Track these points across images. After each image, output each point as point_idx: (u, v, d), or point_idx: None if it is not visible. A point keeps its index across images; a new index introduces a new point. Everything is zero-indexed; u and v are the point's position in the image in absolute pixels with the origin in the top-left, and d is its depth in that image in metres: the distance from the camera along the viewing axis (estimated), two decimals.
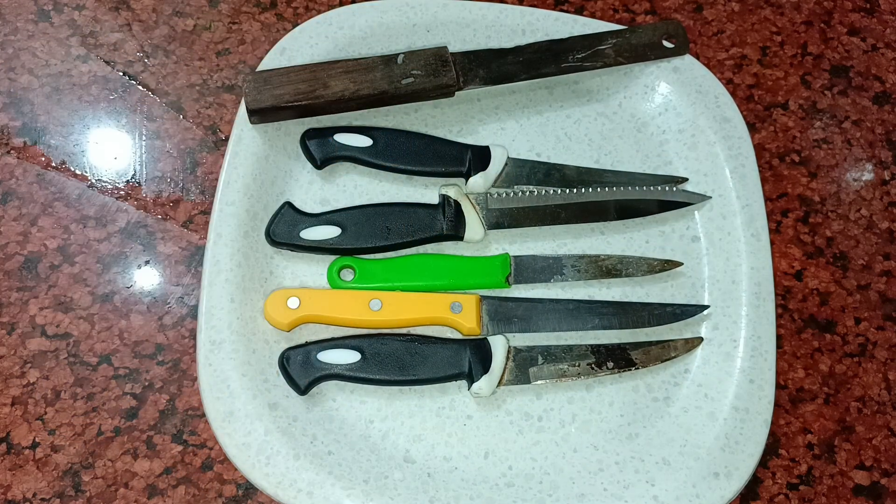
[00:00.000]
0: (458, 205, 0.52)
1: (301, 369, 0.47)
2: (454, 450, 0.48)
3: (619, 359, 0.50)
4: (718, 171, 0.55)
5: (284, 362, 0.48)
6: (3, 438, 0.48)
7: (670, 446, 0.48)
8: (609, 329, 0.51)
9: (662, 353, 0.50)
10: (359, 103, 0.54)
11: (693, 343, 0.51)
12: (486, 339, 0.49)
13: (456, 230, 0.52)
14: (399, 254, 0.52)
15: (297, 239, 0.51)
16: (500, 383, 0.48)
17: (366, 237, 0.51)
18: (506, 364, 0.48)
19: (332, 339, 0.49)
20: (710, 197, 0.55)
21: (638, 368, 0.50)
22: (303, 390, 0.47)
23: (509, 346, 0.49)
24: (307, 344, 0.48)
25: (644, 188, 0.54)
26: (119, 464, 0.47)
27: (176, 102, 0.58)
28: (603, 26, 0.59)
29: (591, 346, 0.50)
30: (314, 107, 0.53)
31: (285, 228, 0.51)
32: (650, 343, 0.50)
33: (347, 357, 0.48)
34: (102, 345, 0.50)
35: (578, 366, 0.49)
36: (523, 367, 0.49)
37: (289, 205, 0.52)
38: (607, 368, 0.49)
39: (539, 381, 0.49)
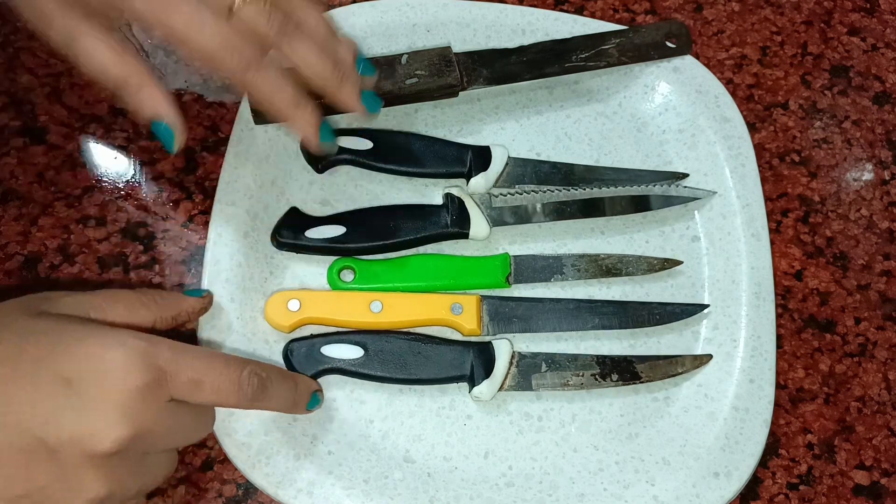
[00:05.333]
0: (461, 202, 0.52)
1: (305, 361, 0.47)
2: (454, 450, 0.48)
3: (624, 371, 0.49)
4: (718, 170, 0.55)
5: (289, 354, 0.48)
6: None
7: (670, 446, 0.48)
8: (609, 328, 0.51)
9: (669, 368, 0.49)
10: None
11: (702, 360, 0.50)
12: (490, 342, 0.49)
13: (461, 227, 0.52)
14: (400, 254, 0.52)
15: (303, 239, 0.51)
16: (501, 388, 0.48)
17: (372, 236, 0.51)
18: (508, 369, 0.48)
19: (337, 332, 0.49)
20: (716, 192, 0.55)
21: (643, 382, 0.49)
22: None
23: (513, 352, 0.49)
24: (312, 337, 0.48)
25: (649, 185, 0.54)
26: None
27: (176, 102, 0.58)
28: (603, 26, 0.59)
29: (596, 356, 0.49)
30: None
31: (291, 232, 0.51)
32: (657, 357, 0.50)
33: (351, 352, 0.48)
34: None
35: (582, 376, 0.49)
36: (526, 374, 0.48)
37: (294, 210, 0.52)
38: (611, 381, 0.49)
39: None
